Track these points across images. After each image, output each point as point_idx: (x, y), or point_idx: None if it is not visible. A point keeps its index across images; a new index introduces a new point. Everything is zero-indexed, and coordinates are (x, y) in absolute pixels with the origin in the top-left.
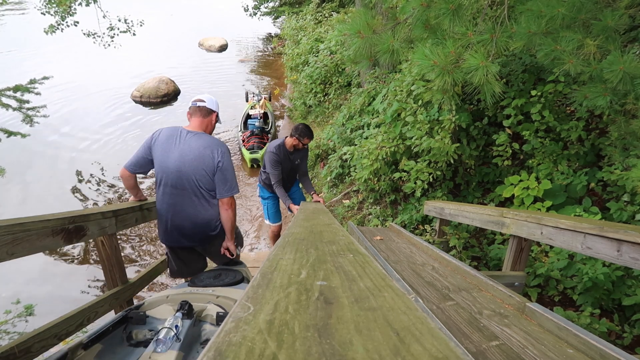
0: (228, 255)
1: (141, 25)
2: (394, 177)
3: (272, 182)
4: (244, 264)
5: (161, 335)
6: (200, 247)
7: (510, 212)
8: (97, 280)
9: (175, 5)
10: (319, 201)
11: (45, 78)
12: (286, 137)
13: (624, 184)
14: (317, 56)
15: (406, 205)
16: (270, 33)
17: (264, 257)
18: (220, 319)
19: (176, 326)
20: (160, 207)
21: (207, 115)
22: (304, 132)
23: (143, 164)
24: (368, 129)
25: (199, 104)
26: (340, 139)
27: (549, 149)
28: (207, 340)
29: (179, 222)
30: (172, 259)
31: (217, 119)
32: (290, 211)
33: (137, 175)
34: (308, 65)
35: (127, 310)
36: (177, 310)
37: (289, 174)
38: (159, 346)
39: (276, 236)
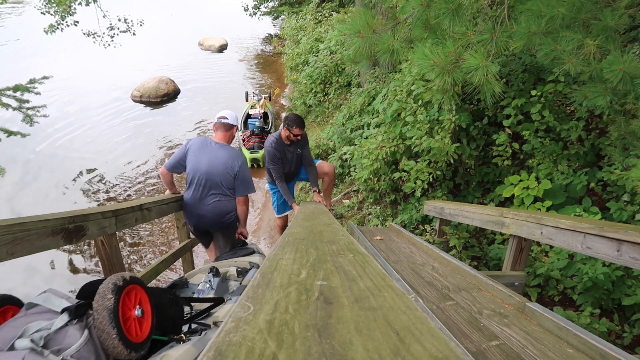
0: (242, 238)
1: (141, 25)
2: (394, 177)
3: (275, 178)
4: (254, 245)
5: (200, 287)
6: (217, 231)
7: (510, 212)
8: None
9: (175, 5)
10: (320, 201)
11: (45, 78)
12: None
13: (624, 183)
14: (317, 56)
15: (406, 205)
16: (270, 33)
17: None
18: (239, 273)
19: (209, 281)
20: (189, 199)
21: (229, 129)
22: (293, 120)
23: (178, 166)
24: (368, 129)
25: (222, 120)
26: (340, 138)
27: (549, 149)
28: (233, 292)
29: (204, 212)
30: (197, 237)
31: (237, 130)
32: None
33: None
34: (308, 65)
35: (174, 281)
36: (209, 273)
37: (293, 167)
38: (199, 295)
39: (282, 228)
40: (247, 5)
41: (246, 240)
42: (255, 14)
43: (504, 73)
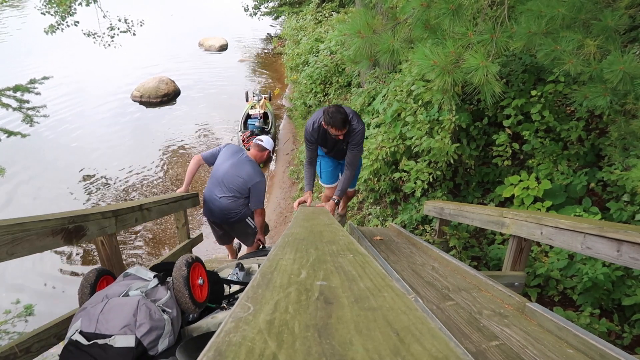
0: (260, 243)
1: (141, 25)
2: (394, 177)
3: (306, 157)
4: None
5: (228, 278)
6: (225, 225)
7: (510, 212)
8: None
9: (175, 5)
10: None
11: (45, 78)
12: None
13: (624, 184)
14: (317, 56)
15: (406, 205)
16: (270, 33)
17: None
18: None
19: (236, 273)
20: (207, 192)
21: (262, 151)
22: (329, 119)
23: (211, 160)
24: (368, 129)
25: (258, 142)
26: None
27: (549, 149)
28: None
29: (214, 206)
30: (211, 229)
31: (269, 155)
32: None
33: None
34: (308, 65)
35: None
36: (235, 267)
37: (333, 152)
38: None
39: (327, 199)
40: (247, 6)
41: (265, 245)
42: (255, 14)
43: (504, 73)
